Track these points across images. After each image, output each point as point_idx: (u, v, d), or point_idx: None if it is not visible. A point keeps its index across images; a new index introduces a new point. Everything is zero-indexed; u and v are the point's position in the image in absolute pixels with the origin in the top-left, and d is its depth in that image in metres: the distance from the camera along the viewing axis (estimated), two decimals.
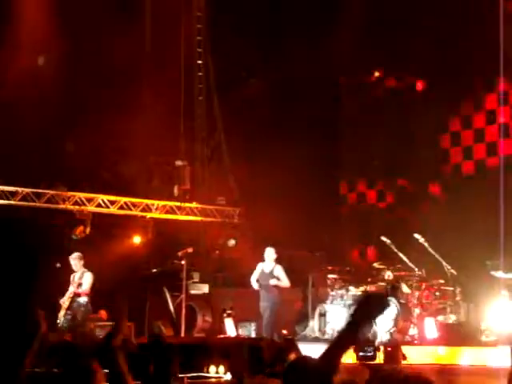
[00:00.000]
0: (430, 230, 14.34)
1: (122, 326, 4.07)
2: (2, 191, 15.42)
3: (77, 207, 16.04)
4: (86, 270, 13.04)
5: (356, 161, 17.65)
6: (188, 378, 9.11)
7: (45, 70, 15.13)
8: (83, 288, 12.84)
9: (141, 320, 15.61)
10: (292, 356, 8.38)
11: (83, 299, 12.80)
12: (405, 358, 10.43)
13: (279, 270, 13.62)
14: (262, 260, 13.73)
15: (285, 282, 13.55)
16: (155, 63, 17.09)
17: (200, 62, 18.25)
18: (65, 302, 12.81)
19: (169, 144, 16.79)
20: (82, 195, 16.23)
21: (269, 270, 13.56)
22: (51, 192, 15.90)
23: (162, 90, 16.63)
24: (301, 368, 4.02)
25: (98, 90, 15.75)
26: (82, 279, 12.88)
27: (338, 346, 3.58)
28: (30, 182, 15.64)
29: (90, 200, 16.31)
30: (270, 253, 13.65)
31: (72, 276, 13.06)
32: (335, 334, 3.63)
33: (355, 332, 3.49)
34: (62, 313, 12.74)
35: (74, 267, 13.09)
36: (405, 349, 10.99)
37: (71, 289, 12.91)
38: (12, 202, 15.46)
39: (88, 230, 15.82)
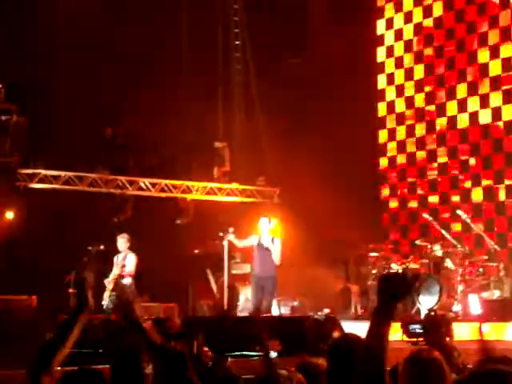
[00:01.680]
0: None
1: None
2: (45, 175, 15.63)
3: (118, 190, 16.21)
4: (129, 251, 13.11)
5: (395, 139, 17.53)
6: (231, 357, 9.18)
7: (82, 54, 15.24)
8: (127, 269, 12.91)
9: (184, 301, 15.78)
10: (335, 334, 8.40)
11: (127, 280, 12.89)
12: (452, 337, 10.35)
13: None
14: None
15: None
16: (192, 46, 17.11)
17: (237, 42, 18.26)
18: (109, 283, 12.92)
19: (208, 125, 16.84)
20: (124, 178, 16.40)
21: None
22: (93, 175, 16.09)
23: (200, 71, 16.67)
24: (347, 345, 4.04)
25: (137, 74, 15.86)
26: (125, 260, 12.96)
27: (380, 322, 3.52)
28: (73, 166, 15.84)
29: (131, 183, 16.48)
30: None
31: (115, 257, 13.15)
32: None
33: (389, 310, 3.41)
34: (106, 294, 12.87)
35: (119, 247, 13.13)
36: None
37: (115, 270, 13.00)
38: (55, 186, 15.68)
39: (129, 212, 15.98)
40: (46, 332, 10.75)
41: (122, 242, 13.15)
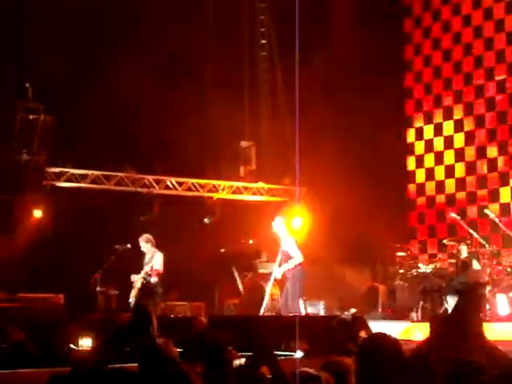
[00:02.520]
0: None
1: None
2: (73, 174, 15.72)
3: (145, 189, 16.26)
4: (156, 250, 13.06)
5: (422, 139, 17.42)
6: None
7: (109, 52, 15.28)
8: (154, 267, 12.89)
9: (211, 300, 15.80)
10: (362, 333, 8.35)
11: (154, 279, 12.87)
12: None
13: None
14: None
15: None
16: (219, 44, 17.11)
17: (264, 41, 18.24)
18: (137, 282, 12.91)
19: (234, 125, 16.83)
20: (151, 177, 16.45)
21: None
22: (120, 174, 16.15)
23: (227, 70, 16.67)
24: (376, 345, 4.00)
25: (165, 73, 15.88)
26: (152, 260, 12.93)
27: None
28: (100, 165, 15.91)
29: (158, 182, 16.52)
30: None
31: (144, 258, 13.14)
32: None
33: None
34: (133, 293, 12.88)
35: (143, 249, 13.11)
36: None
37: (146, 268, 12.92)
38: (82, 185, 15.76)
39: (156, 211, 16.03)
40: (72, 330, 10.83)
41: (143, 244, 13.06)
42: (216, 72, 16.86)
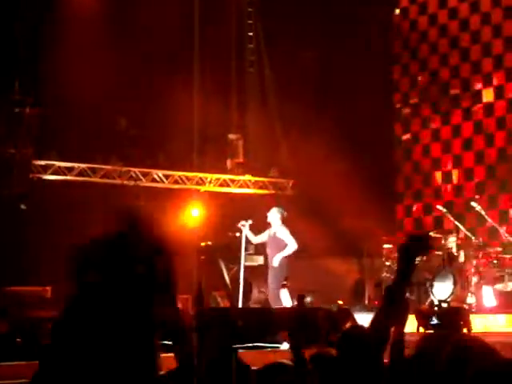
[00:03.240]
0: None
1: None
2: (59, 167, 15.67)
3: (132, 182, 16.23)
4: None
5: (410, 131, 17.45)
6: (243, 348, 9.16)
7: (96, 46, 15.23)
8: None
9: (197, 292, 15.76)
10: (347, 325, 8.38)
11: None
12: (470, 329, 10.29)
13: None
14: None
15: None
16: (206, 37, 17.07)
17: (251, 33, 18.20)
18: None
19: (221, 117, 16.81)
20: (138, 170, 16.41)
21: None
22: (107, 167, 16.11)
23: (214, 63, 16.64)
24: (354, 337, 4.02)
25: (150, 66, 15.84)
26: None
27: (386, 312, 3.53)
28: (87, 158, 15.86)
29: (144, 174, 16.49)
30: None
31: None
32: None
33: (403, 287, 3.52)
34: None
35: None
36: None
37: None
38: (68, 178, 15.72)
39: (142, 204, 15.98)
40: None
41: None
42: (203, 64, 16.82)
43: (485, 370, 2.43)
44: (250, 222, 13.09)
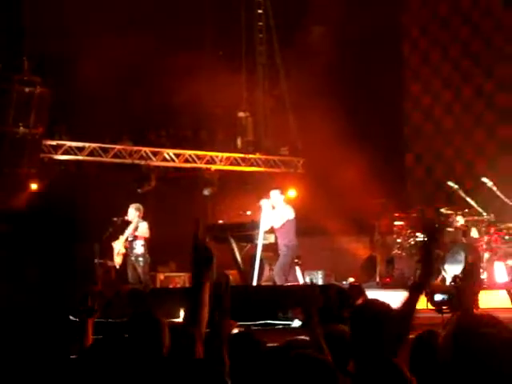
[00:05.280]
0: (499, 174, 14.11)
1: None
2: (70, 147, 15.68)
3: (143, 161, 16.23)
4: (140, 219, 13.02)
5: (421, 108, 17.35)
6: (255, 325, 9.20)
7: (105, 24, 15.18)
8: (138, 234, 12.88)
9: None
10: (359, 302, 8.37)
11: (140, 242, 12.86)
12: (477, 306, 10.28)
13: None
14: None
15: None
16: (216, 14, 17.00)
17: (260, 11, 18.11)
18: (120, 248, 12.90)
19: (231, 95, 16.76)
20: (148, 149, 16.41)
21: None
22: (118, 147, 16.11)
23: (223, 41, 16.58)
24: (369, 311, 4.00)
25: (161, 45, 15.77)
26: (137, 229, 12.93)
27: (416, 289, 3.87)
28: (97, 138, 15.87)
29: (155, 154, 16.49)
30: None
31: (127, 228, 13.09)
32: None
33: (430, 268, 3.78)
34: (117, 259, 12.88)
35: (128, 215, 12.99)
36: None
37: (126, 233, 12.91)
38: (79, 157, 15.74)
39: (153, 183, 16.01)
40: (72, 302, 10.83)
41: (131, 211, 12.99)
42: (213, 42, 16.76)
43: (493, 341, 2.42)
44: (270, 201, 13.04)
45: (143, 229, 12.93)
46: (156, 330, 3.95)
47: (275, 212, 12.95)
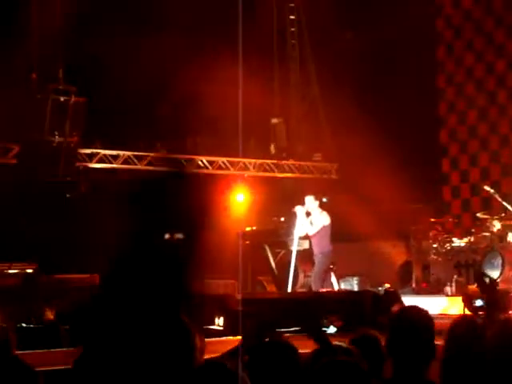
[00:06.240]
0: None
1: None
2: (105, 155, 15.79)
3: (177, 169, 16.29)
4: None
5: (456, 112, 17.19)
6: (287, 332, 9.15)
7: (139, 32, 15.27)
8: None
9: (244, 277, 15.81)
10: (395, 308, 8.32)
11: None
12: None
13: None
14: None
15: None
16: (248, 20, 17.00)
17: (293, 17, 18.10)
18: None
19: (264, 102, 16.75)
20: (181, 156, 16.47)
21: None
22: (151, 154, 16.18)
23: (256, 46, 16.56)
24: (407, 318, 3.95)
25: (192, 53, 15.83)
26: None
27: None
28: (131, 146, 15.96)
29: (189, 161, 16.54)
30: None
31: None
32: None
33: None
34: None
35: None
36: None
37: None
38: (114, 166, 15.83)
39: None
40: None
41: None
42: (245, 48, 16.74)
43: None
44: (305, 207, 12.99)
45: None
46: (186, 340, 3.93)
47: (310, 218, 12.90)
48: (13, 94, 13.98)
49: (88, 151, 15.62)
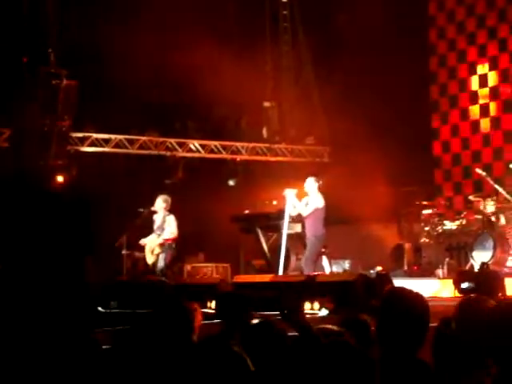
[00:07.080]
0: None
1: None
2: (96, 139, 15.76)
3: (168, 152, 16.27)
4: (168, 213, 12.79)
5: (448, 95, 17.20)
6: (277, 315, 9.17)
7: (131, 17, 15.22)
8: (170, 234, 12.70)
9: (236, 261, 15.85)
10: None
11: (172, 245, 12.75)
12: (504, 294, 10.20)
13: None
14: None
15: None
16: (241, 5, 16.97)
17: (285, 0, 18.05)
18: (154, 248, 12.72)
19: (256, 85, 16.72)
20: (174, 140, 16.44)
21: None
22: (143, 138, 16.16)
23: (248, 30, 16.53)
24: (397, 298, 3.96)
25: (185, 36, 15.77)
26: (164, 224, 12.77)
27: None
28: (123, 129, 15.92)
29: (181, 145, 16.52)
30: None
31: (154, 219, 12.93)
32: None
33: None
34: (149, 258, 12.79)
35: (156, 207, 12.79)
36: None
37: (156, 234, 12.86)
38: (106, 149, 15.81)
39: (180, 174, 16.05)
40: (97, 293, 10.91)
41: (160, 201, 12.76)
42: (237, 31, 16.72)
43: None
44: (295, 190, 12.95)
45: (172, 228, 12.73)
46: (184, 317, 3.96)
47: (305, 200, 12.87)
48: (3, 77, 13.94)
49: (80, 135, 15.58)
